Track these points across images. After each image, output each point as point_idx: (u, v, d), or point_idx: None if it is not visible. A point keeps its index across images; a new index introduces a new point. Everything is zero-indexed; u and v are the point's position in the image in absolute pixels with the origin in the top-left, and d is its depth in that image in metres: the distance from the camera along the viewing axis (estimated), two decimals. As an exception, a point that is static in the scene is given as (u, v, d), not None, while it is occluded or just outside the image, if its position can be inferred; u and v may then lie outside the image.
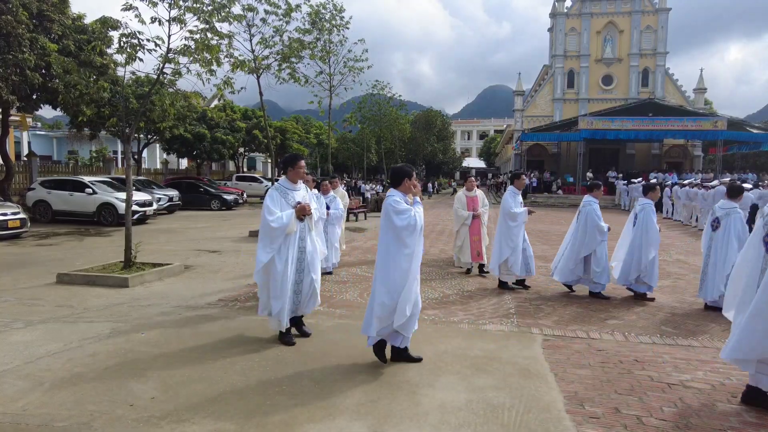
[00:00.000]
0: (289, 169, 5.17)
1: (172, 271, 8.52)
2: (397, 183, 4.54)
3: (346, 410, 3.58)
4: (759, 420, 3.54)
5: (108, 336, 5.17)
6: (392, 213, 4.38)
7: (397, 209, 4.38)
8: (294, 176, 5.15)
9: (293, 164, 5.17)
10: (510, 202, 7.53)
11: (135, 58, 8.32)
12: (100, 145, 32.70)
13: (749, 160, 45.62)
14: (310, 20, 15.51)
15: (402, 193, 4.50)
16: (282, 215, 4.90)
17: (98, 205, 16.32)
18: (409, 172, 4.54)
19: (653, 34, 37.72)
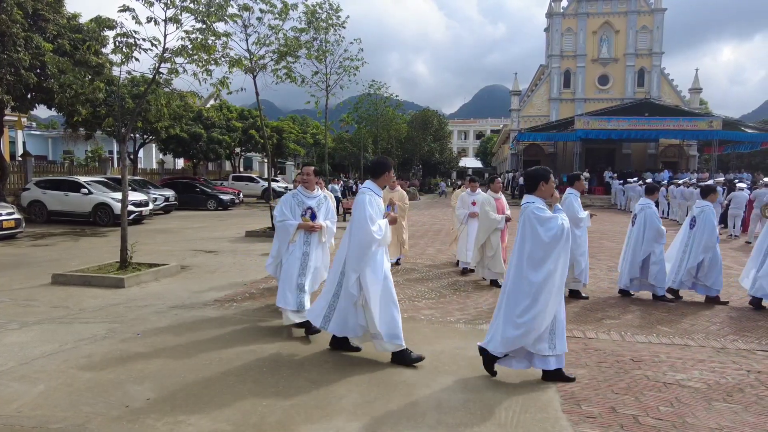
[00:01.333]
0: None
1: (169, 271, 8.49)
2: (533, 187, 4.17)
3: (342, 411, 3.57)
4: (757, 419, 3.55)
5: (104, 337, 5.15)
6: (536, 223, 4.00)
7: (541, 217, 4.01)
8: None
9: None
10: (576, 207, 7.02)
11: (131, 58, 8.29)
12: (95, 145, 32.53)
13: (744, 160, 45.87)
14: (306, 20, 15.50)
15: (542, 199, 4.14)
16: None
17: (94, 206, 16.25)
18: (546, 175, 4.19)
19: (649, 34, 37.83)
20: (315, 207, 5.35)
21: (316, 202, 5.41)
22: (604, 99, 37.84)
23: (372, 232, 4.29)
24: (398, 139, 40.07)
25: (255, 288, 7.46)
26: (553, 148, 39.24)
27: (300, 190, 5.37)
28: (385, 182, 4.73)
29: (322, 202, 5.47)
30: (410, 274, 8.72)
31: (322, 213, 5.44)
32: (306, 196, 5.35)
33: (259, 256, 10.34)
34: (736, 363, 4.65)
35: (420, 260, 10.13)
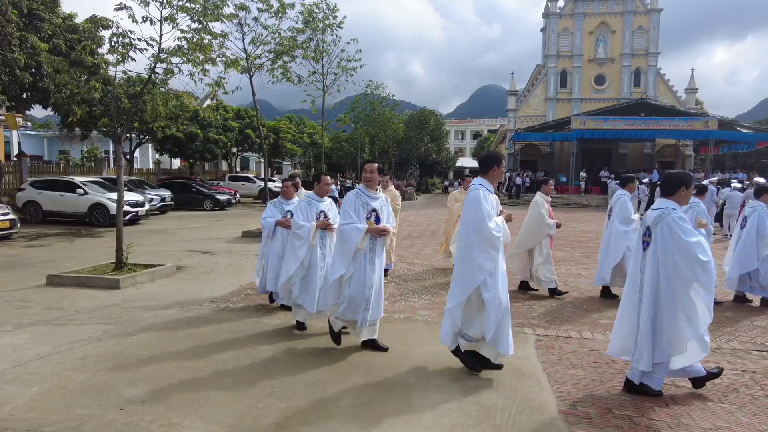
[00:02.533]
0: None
1: (164, 272, 8.47)
2: (671, 192, 3.90)
3: (339, 412, 3.56)
4: (751, 420, 3.56)
5: (98, 338, 5.12)
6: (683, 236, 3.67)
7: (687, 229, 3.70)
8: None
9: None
10: (630, 209, 6.95)
11: (127, 58, 8.26)
12: (91, 145, 32.44)
13: (740, 160, 46.06)
14: (303, 19, 15.48)
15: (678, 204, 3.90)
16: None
17: (90, 206, 16.19)
18: (690, 181, 3.93)
19: (645, 34, 37.92)
20: (379, 209, 4.82)
21: (380, 203, 4.87)
22: (600, 99, 37.92)
23: (491, 230, 4.05)
24: (395, 139, 40.06)
25: (251, 289, 7.44)
26: (549, 148, 39.30)
27: (362, 190, 4.86)
28: (496, 178, 4.40)
29: (384, 203, 4.94)
30: (407, 274, 8.72)
31: (385, 216, 4.87)
32: (369, 197, 4.82)
33: (255, 257, 10.30)
34: (731, 363, 4.66)
35: (417, 260, 10.12)
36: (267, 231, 6.24)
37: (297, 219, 5.40)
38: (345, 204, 4.77)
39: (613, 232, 6.95)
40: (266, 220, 6.23)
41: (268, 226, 6.18)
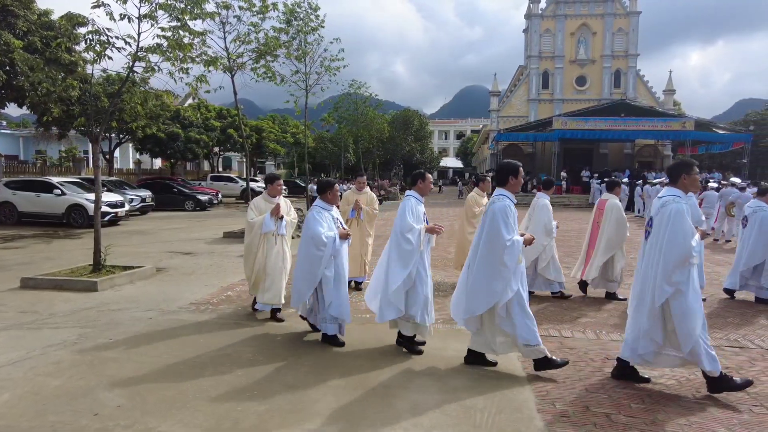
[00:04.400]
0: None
1: (144, 273, 8.34)
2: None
3: (318, 415, 3.55)
4: (723, 414, 3.63)
5: (74, 342, 5.02)
6: None
7: None
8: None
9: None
10: None
11: (104, 56, 8.11)
12: (69, 145, 31.79)
13: (716, 160, 47.06)
14: (285, 19, 15.38)
15: None
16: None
17: (67, 207, 15.88)
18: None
19: (625, 36, 38.55)
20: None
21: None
22: (581, 100, 38.42)
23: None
24: (380, 139, 40.03)
25: (232, 290, 7.37)
26: (532, 148, 39.70)
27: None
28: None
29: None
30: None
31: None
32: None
33: (236, 258, 10.22)
34: (706, 360, 4.75)
35: (400, 260, 10.13)
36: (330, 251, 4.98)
37: (407, 221, 4.70)
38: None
39: None
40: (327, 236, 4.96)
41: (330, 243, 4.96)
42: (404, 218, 4.72)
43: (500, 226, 4.16)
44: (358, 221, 7.42)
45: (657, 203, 4.11)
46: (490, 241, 4.22)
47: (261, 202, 5.98)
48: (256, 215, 5.83)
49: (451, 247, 11.93)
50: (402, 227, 4.71)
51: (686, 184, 4.05)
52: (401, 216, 4.76)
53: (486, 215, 4.35)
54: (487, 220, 4.30)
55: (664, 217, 3.94)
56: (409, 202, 4.83)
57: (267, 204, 5.89)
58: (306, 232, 5.00)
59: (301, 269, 5.03)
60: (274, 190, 5.95)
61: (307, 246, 4.96)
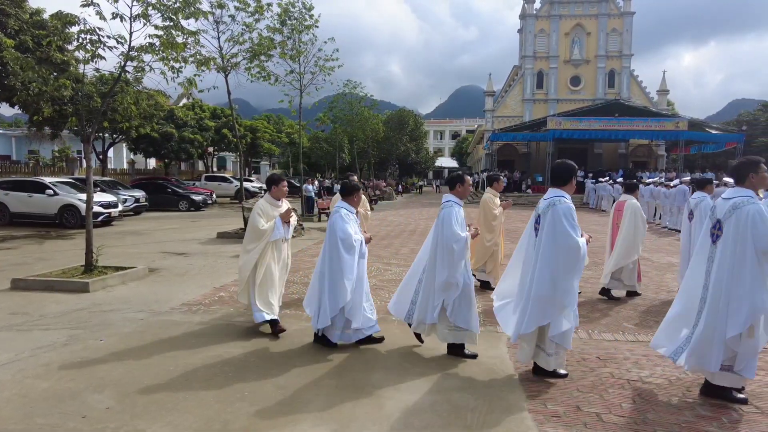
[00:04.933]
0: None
1: (136, 274, 8.29)
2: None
3: (308, 416, 3.53)
4: (712, 413, 3.65)
5: (64, 344, 4.99)
6: None
7: None
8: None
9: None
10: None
11: (95, 56, 8.05)
12: (62, 145, 31.60)
13: (709, 160, 47.31)
14: (279, 20, 15.35)
15: None
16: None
17: (60, 207, 15.77)
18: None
19: (619, 36, 38.72)
20: None
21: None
22: (576, 100, 38.57)
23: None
24: (375, 138, 40.02)
25: (225, 291, 7.34)
26: (526, 148, 39.82)
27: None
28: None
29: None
30: (383, 274, 8.71)
31: None
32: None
33: (229, 258, 10.19)
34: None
35: (393, 260, 10.12)
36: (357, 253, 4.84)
37: (454, 230, 4.53)
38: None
39: None
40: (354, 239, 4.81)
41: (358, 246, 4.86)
42: (451, 226, 4.53)
43: (567, 229, 3.96)
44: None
45: (724, 205, 3.87)
46: (556, 245, 3.99)
47: (267, 207, 5.39)
48: (265, 222, 5.27)
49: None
50: (449, 237, 4.51)
51: (755, 183, 3.87)
52: (447, 224, 4.54)
53: (546, 217, 4.10)
54: (547, 222, 4.06)
55: (742, 219, 3.68)
56: (453, 210, 4.63)
57: (274, 208, 5.42)
58: (335, 235, 4.76)
59: (330, 275, 4.78)
60: (280, 192, 5.50)
61: (336, 249, 4.73)
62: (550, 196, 4.19)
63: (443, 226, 4.57)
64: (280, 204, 5.50)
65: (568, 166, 4.32)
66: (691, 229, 6.98)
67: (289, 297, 6.90)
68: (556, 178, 4.29)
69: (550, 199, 4.15)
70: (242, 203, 14.15)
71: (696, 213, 6.95)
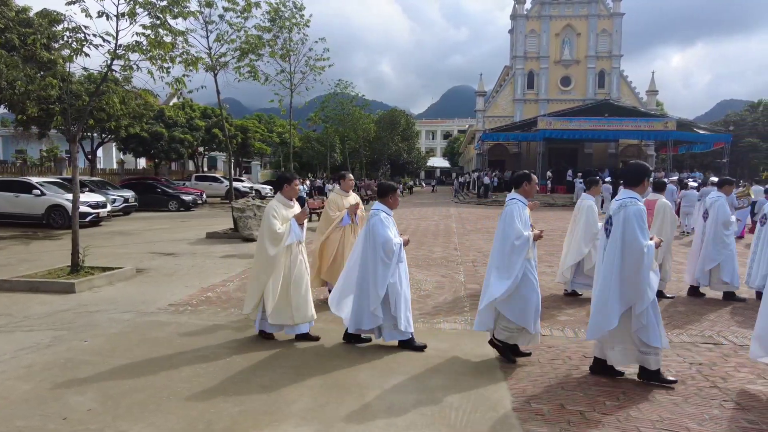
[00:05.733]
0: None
1: (124, 275, 8.23)
2: None
3: (292, 416, 3.52)
4: (695, 410, 3.68)
5: (47, 345, 4.93)
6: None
7: None
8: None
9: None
10: (728, 211, 7.07)
11: (81, 54, 7.97)
12: (50, 145, 31.26)
13: (698, 160, 47.82)
14: (269, 18, 15.30)
15: None
16: None
17: (47, 207, 15.61)
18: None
19: (608, 37, 39.02)
20: None
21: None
22: (566, 100, 38.80)
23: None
24: (366, 138, 40.03)
25: (212, 291, 7.31)
26: (517, 148, 40.00)
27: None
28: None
29: None
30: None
31: None
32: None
33: (218, 259, 10.14)
34: (680, 356, 4.81)
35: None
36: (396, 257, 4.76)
37: (517, 227, 4.45)
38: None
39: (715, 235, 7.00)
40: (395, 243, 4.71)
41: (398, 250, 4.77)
42: (513, 224, 4.45)
43: (636, 231, 3.89)
44: (353, 227, 6.39)
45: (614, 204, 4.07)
46: (630, 247, 3.92)
47: (281, 208, 5.01)
48: (281, 224, 4.92)
49: (436, 246, 11.96)
50: (511, 234, 4.43)
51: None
52: (509, 222, 4.46)
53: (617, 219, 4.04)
54: (619, 224, 4.00)
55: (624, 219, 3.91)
56: (517, 207, 4.55)
57: (287, 209, 5.07)
58: (374, 239, 4.66)
59: (366, 280, 4.69)
60: (293, 191, 5.16)
61: (375, 253, 4.64)
62: (622, 197, 4.13)
63: (506, 223, 4.52)
64: (294, 204, 5.21)
65: (641, 166, 4.22)
66: (705, 228, 7.12)
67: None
68: (629, 178, 4.19)
69: (621, 200, 4.08)
70: (232, 203, 14.07)
71: (711, 212, 7.08)
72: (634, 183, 4.17)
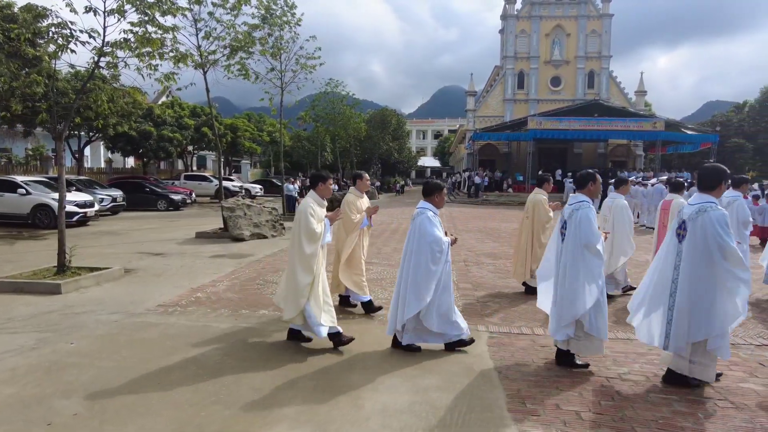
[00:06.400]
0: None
1: (111, 275, 8.09)
2: None
3: (285, 418, 3.46)
4: (688, 409, 3.67)
5: (32, 348, 4.82)
6: None
7: None
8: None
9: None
10: (747, 210, 7.15)
11: (66, 50, 7.82)
12: (36, 143, 30.76)
13: (685, 160, 48.33)
14: (260, 15, 15.18)
15: None
16: None
17: (33, 207, 15.36)
18: None
19: (598, 38, 39.28)
20: None
21: None
22: (556, 100, 38.99)
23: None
24: (357, 138, 39.90)
25: (202, 292, 7.20)
26: (507, 147, 40.13)
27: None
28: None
29: None
30: (365, 273, 8.63)
31: None
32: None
33: (208, 259, 10.02)
34: (673, 355, 4.82)
35: (375, 259, 10.06)
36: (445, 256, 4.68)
37: (596, 230, 4.37)
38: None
39: None
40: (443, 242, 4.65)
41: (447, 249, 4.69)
42: (591, 227, 4.31)
43: (723, 236, 3.81)
44: (368, 230, 6.29)
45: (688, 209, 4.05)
46: (722, 249, 3.82)
47: (316, 208, 4.87)
48: (317, 224, 4.79)
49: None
50: (591, 238, 4.30)
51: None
52: (587, 225, 4.31)
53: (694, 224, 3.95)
54: (698, 228, 3.92)
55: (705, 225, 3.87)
56: (591, 210, 4.39)
57: (321, 210, 4.94)
58: (424, 238, 4.56)
59: (416, 280, 4.57)
60: (327, 190, 5.05)
61: (424, 253, 4.55)
62: (698, 202, 4.01)
63: (580, 227, 4.33)
64: (325, 204, 5.08)
65: (717, 169, 4.09)
66: None
67: (268, 298, 6.80)
68: (705, 182, 4.08)
69: (698, 205, 3.98)
70: (222, 203, 13.93)
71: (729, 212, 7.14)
72: (710, 187, 4.05)
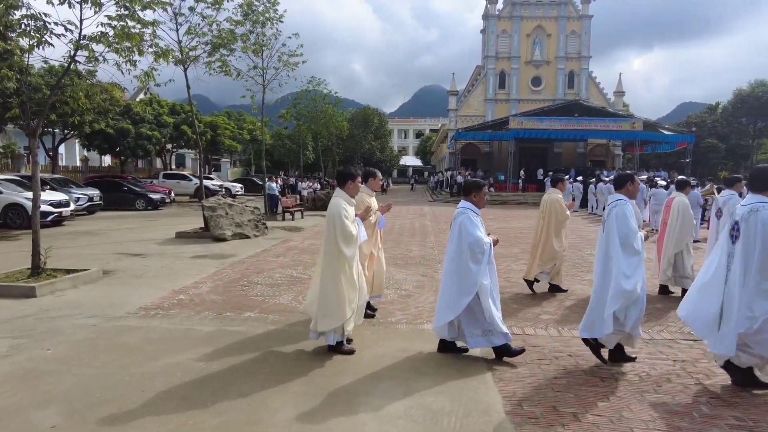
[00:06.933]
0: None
1: (89, 277, 7.82)
2: None
3: (276, 425, 3.33)
4: (684, 409, 3.66)
5: (5, 355, 4.58)
6: None
7: None
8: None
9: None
10: None
11: (41, 42, 7.51)
12: (8, 140, 29.82)
13: (662, 159, 49.34)
14: (242, 12, 14.92)
15: None
16: None
17: (4, 206, 14.84)
18: None
19: (578, 38, 39.82)
20: None
21: None
22: (537, 100, 39.40)
23: None
24: (339, 136, 39.71)
25: (184, 294, 7.00)
26: (488, 147, 40.41)
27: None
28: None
29: None
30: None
31: None
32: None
33: (189, 259, 9.78)
34: (663, 353, 4.83)
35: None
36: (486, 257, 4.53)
37: (634, 227, 4.35)
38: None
39: None
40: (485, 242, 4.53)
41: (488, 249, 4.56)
42: (629, 225, 4.30)
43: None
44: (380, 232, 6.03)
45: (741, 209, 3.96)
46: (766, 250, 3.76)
47: (348, 208, 4.69)
48: (351, 224, 4.61)
49: (413, 245, 11.85)
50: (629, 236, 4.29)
51: None
52: (625, 223, 4.31)
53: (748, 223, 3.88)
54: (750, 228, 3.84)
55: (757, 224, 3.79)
56: (628, 208, 4.39)
57: (352, 209, 4.78)
58: (464, 239, 4.44)
59: (457, 282, 4.47)
60: (356, 188, 4.93)
61: (464, 254, 4.44)
62: (751, 202, 3.94)
63: (617, 224, 4.34)
64: (354, 202, 4.91)
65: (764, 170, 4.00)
66: (719, 226, 7.30)
67: (253, 300, 6.64)
68: (757, 183, 3.99)
69: (751, 205, 3.90)
70: (203, 202, 13.64)
71: (724, 210, 7.26)
72: (763, 188, 3.97)
